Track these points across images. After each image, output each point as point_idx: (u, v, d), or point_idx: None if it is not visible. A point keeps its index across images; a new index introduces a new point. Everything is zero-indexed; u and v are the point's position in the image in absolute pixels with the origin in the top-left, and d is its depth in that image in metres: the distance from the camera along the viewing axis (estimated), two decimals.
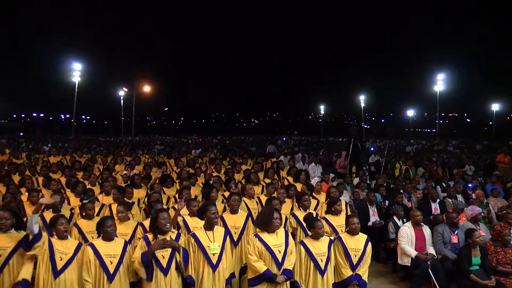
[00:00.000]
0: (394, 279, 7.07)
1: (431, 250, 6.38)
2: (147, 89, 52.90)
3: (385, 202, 8.57)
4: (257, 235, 4.76)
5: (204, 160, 13.92)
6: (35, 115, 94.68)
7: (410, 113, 71.49)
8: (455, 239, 6.51)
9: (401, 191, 9.12)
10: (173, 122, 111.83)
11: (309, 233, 5.31)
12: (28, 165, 10.58)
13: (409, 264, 6.35)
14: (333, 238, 5.40)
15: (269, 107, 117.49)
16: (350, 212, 7.32)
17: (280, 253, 4.67)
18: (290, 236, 4.98)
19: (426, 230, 6.58)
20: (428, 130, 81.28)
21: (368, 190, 9.28)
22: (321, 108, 75.25)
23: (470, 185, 10.31)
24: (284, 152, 16.50)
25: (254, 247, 4.67)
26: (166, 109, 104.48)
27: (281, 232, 4.85)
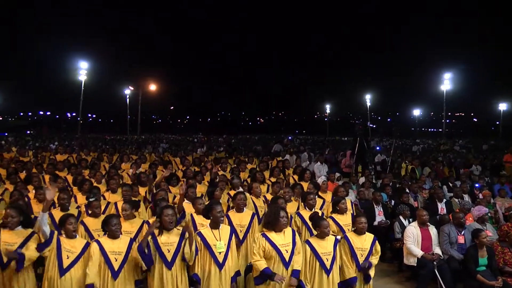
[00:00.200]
0: (400, 279, 7.05)
1: (437, 250, 6.35)
2: (153, 87, 53.09)
3: (391, 202, 8.55)
4: (264, 234, 4.76)
5: (209, 158, 13.93)
6: (42, 113, 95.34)
7: (417, 112, 71.19)
8: (461, 239, 6.48)
9: (407, 190, 9.09)
10: (179, 120, 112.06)
11: (314, 232, 5.30)
12: (35, 163, 10.65)
13: (415, 264, 6.32)
14: (339, 237, 5.40)
15: (275, 106, 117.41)
16: (356, 212, 7.30)
17: (287, 252, 4.67)
18: (298, 235, 4.97)
19: (432, 230, 6.55)
20: (435, 130, 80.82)
21: (374, 189, 9.26)
22: (327, 107, 75.09)
23: (477, 185, 10.25)
24: (290, 151, 16.47)
25: (260, 246, 4.66)
26: (172, 107, 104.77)
27: (288, 232, 4.85)
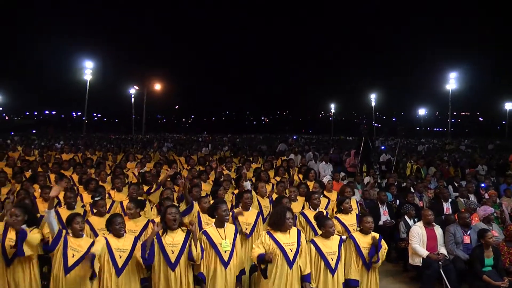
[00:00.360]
0: (405, 279, 7.03)
1: (442, 250, 6.32)
2: (157, 87, 53.16)
3: (396, 202, 8.52)
4: (269, 232, 4.75)
5: (214, 158, 13.94)
6: (47, 112, 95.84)
7: (422, 112, 70.89)
8: (467, 239, 6.45)
9: (412, 190, 9.06)
10: (184, 120, 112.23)
11: (319, 231, 5.30)
12: (41, 162, 10.70)
13: (420, 264, 6.29)
14: (344, 237, 5.39)
15: (279, 106, 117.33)
16: (361, 211, 7.28)
17: (291, 251, 4.66)
18: (303, 236, 4.96)
19: (438, 230, 6.52)
20: (440, 129, 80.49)
21: (379, 189, 9.23)
22: (332, 106, 74.99)
23: (483, 185, 10.19)
24: (295, 150, 16.46)
25: (262, 242, 4.65)
26: (176, 107, 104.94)
27: (294, 231, 4.83)
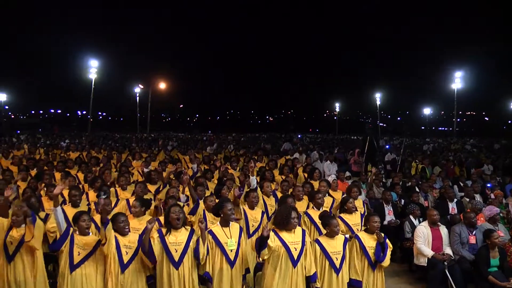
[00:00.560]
0: (410, 279, 7.01)
1: (448, 251, 6.30)
2: (162, 86, 53.32)
3: (401, 201, 8.49)
4: (274, 230, 4.75)
5: (218, 156, 13.96)
6: (53, 111, 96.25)
7: (427, 111, 70.51)
8: (473, 240, 6.42)
9: (417, 190, 9.02)
10: (188, 119, 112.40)
11: (323, 231, 5.29)
12: (46, 160, 10.76)
13: (425, 264, 6.28)
14: (348, 236, 5.38)
15: (284, 105, 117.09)
16: (367, 211, 7.27)
17: (296, 250, 4.66)
18: (308, 236, 4.96)
19: (443, 230, 6.50)
20: (445, 129, 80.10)
21: (384, 188, 9.21)
22: (336, 105, 74.88)
23: (488, 184, 10.12)
24: (299, 149, 16.44)
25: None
26: (181, 106, 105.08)
27: (298, 231, 4.83)
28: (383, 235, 5.29)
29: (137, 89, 52.94)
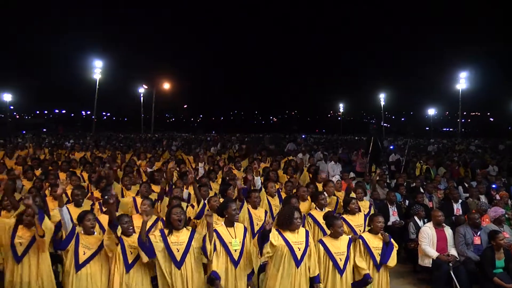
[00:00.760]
0: (414, 280, 6.98)
1: (453, 252, 6.28)
2: (166, 86, 53.43)
3: (406, 202, 8.46)
4: (278, 229, 4.74)
5: (222, 157, 13.97)
6: (57, 111, 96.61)
7: (431, 111, 70.26)
8: (477, 241, 6.40)
9: (422, 190, 8.99)
10: (192, 119, 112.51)
11: (327, 231, 5.28)
12: (51, 160, 10.80)
13: (430, 265, 6.27)
14: (351, 236, 5.36)
15: (287, 105, 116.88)
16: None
17: (299, 250, 4.65)
18: (311, 237, 4.95)
19: (448, 231, 6.47)
20: (450, 129, 79.74)
21: (388, 189, 9.18)
22: (340, 106, 74.80)
23: (493, 185, 10.07)
24: (303, 150, 16.43)
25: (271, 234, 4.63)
26: (185, 106, 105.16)
27: (302, 231, 4.83)
28: (387, 234, 5.28)
29: (142, 89, 53.13)
